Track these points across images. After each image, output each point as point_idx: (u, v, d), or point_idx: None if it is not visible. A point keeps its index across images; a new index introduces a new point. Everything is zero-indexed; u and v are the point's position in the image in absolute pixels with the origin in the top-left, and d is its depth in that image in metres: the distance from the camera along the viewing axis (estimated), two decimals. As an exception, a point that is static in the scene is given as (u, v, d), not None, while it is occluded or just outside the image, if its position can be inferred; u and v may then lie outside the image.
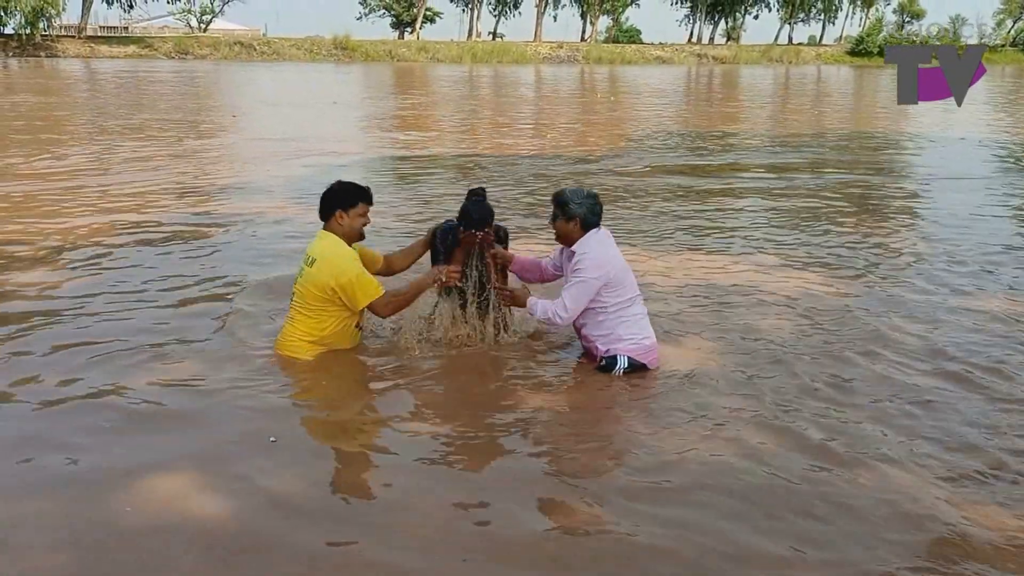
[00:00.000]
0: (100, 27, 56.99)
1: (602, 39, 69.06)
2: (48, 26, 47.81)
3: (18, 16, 45.13)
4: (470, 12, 69.03)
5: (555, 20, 72.38)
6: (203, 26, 60.17)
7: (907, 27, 71.88)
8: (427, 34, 68.55)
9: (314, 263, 3.76)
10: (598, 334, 3.84)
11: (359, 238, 3.86)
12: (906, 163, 12.44)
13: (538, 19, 65.87)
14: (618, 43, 66.56)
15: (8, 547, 2.51)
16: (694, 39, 71.50)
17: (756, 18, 79.83)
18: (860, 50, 61.88)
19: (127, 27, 60.24)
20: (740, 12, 73.54)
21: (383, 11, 71.14)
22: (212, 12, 60.98)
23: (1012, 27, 71.29)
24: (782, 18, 72.80)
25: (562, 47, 57.75)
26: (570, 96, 27.31)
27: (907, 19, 73.60)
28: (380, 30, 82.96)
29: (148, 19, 64.94)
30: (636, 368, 3.79)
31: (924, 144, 14.43)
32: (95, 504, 2.73)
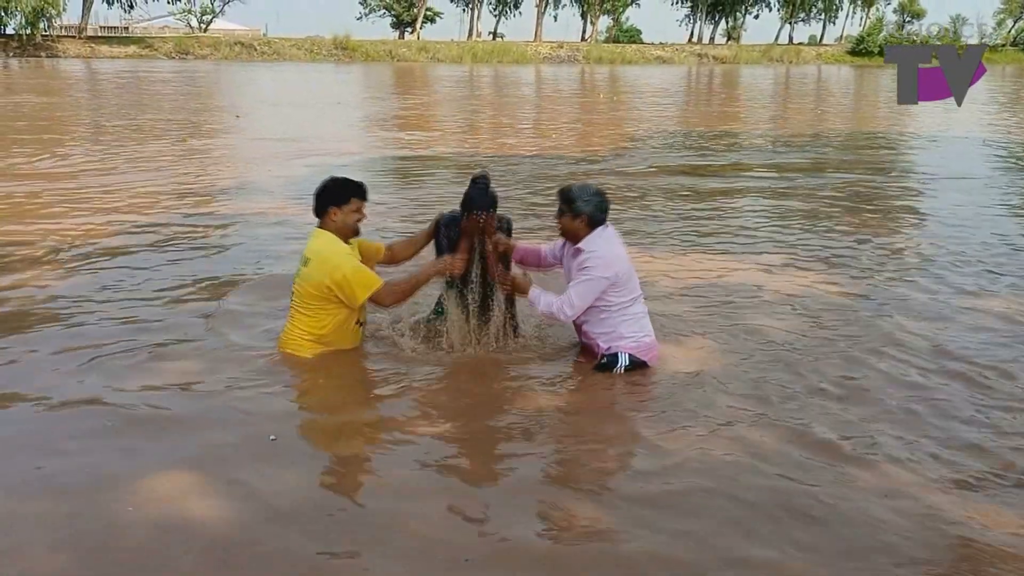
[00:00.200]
0: (100, 27, 57.11)
1: (602, 39, 69.07)
2: (48, 26, 47.88)
3: (18, 16, 45.21)
4: (470, 12, 69.13)
5: (555, 20, 72.63)
6: (203, 26, 60.21)
7: (907, 27, 71.97)
8: (427, 34, 68.68)
9: (308, 263, 3.74)
10: (600, 331, 3.84)
11: (354, 234, 3.83)
12: (907, 163, 12.44)
13: (538, 19, 65.92)
14: (618, 43, 66.57)
15: (8, 547, 2.51)
16: (694, 39, 71.52)
17: (756, 18, 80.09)
18: (860, 50, 61.90)
19: (127, 27, 60.32)
20: (740, 12, 73.57)
21: (383, 11, 71.20)
22: (212, 12, 61.06)
23: (1012, 27, 71.36)
24: (782, 18, 72.86)
25: (562, 47, 57.76)
26: (571, 96, 27.31)
27: (907, 19, 73.69)
28: (380, 30, 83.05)
29: (148, 19, 65.06)
30: (636, 366, 3.79)
31: (925, 144, 14.42)
32: (95, 504, 2.73)
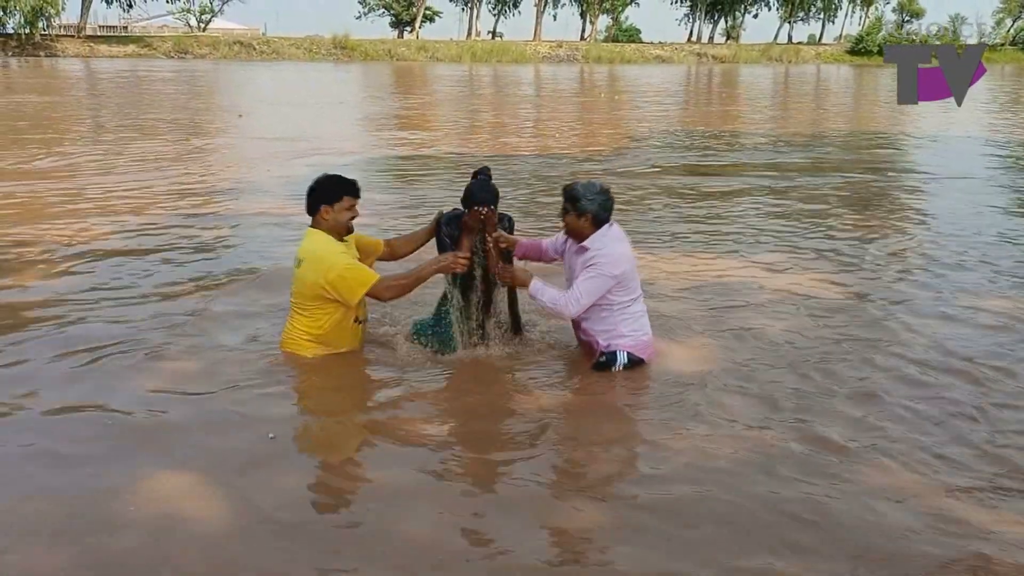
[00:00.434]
0: (99, 27, 57.07)
1: (601, 38, 69.08)
2: (47, 26, 47.85)
3: (17, 16, 45.18)
4: (469, 11, 69.08)
5: (555, 19, 72.72)
6: (202, 25, 60.20)
7: (906, 26, 71.99)
8: (426, 33, 68.70)
9: (302, 263, 3.73)
10: (600, 329, 3.85)
11: (348, 232, 3.79)
12: (908, 162, 12.44)
13: (537, 18, 65.91)
14: (617, 42, 66.58)
15: (9, 547, 2.52)
16: (694, 38, 71.54)
17: (756, 17, 79.85)
18: (859, 49, 61.93)
19: (126, 26, 60.31)
20: (739, 11, 73.59)
21: (382, 10, 71.17)
22: (211, 11, 61.04)
23: (1012, 26, 71.38)
24: (782, 17, 72.86)
25: (561, 46, 57.76)
26: (571, 95, 27.30)
27: (906, 18, 73.71)
28: (379, 29, 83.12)
29: (147, 18, 65.08)
30: (634, 364, 3.82)
31: (925, 143, 14.42)
32: (96, 504, 2.74)
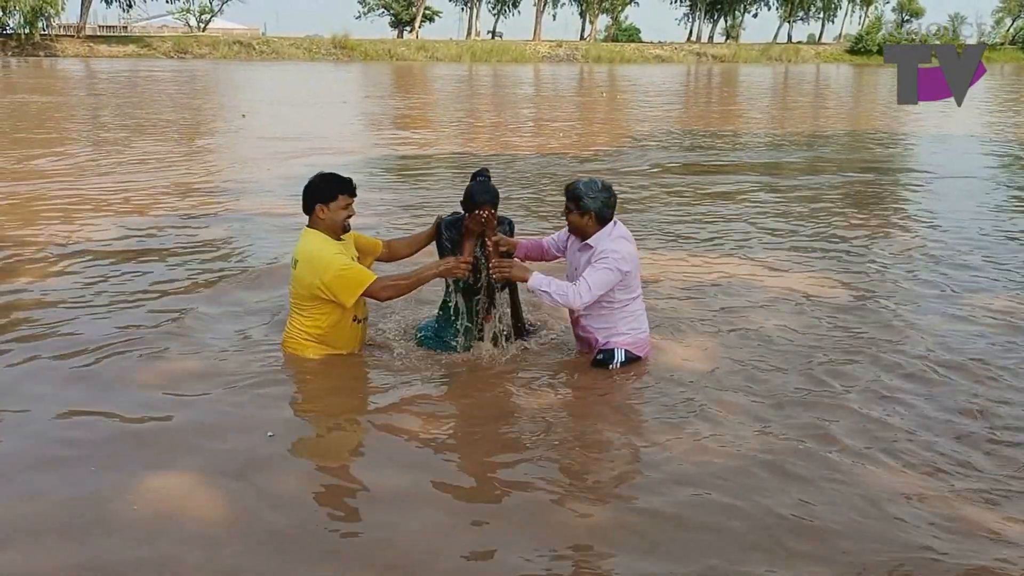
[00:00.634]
0: (99, 27, 57.01)
1: (601, 38, 69.07)
2: (47, 26, 47.84)
3: (17, 16, 45.16)
4: (469, 11, 69.08)
5: (554, 19, 72.74)
6: (202, 25, 60.20)
7: (906, 25, 71.94)
8: (426, 33, 68.66)
9: (297, 264, 3.73)
10: (599, 326, 3.86)
11: (344, 231, 3.78)
12: (909, 162, 12.46)
13: (537, 18, 65.87)
14: (617, 42, 66.57)
15: (10, 547, 2.53)
16: (693, 38, 71.52)
17: (755, 16, 79.50)
18: (859, 48, 61.92)
19: (126, 27, 60.25)
20: (739, 10, 73.54)
21: (382, 10, 71.13)
22: (211, 11, 61.03)
23: (1011, 25, 71.37)
24: (781, 16, 72.83)
25: (561, 46, 57.74)
26: (571, 95, 27.31)
27: (906, 17, 73.69)
28: (379, 29, 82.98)
29: (147, 18, 65.04)
30: (631, 361, 3.86)
31: (926, 143, 14.44)
32: (95, 505, 2.74)
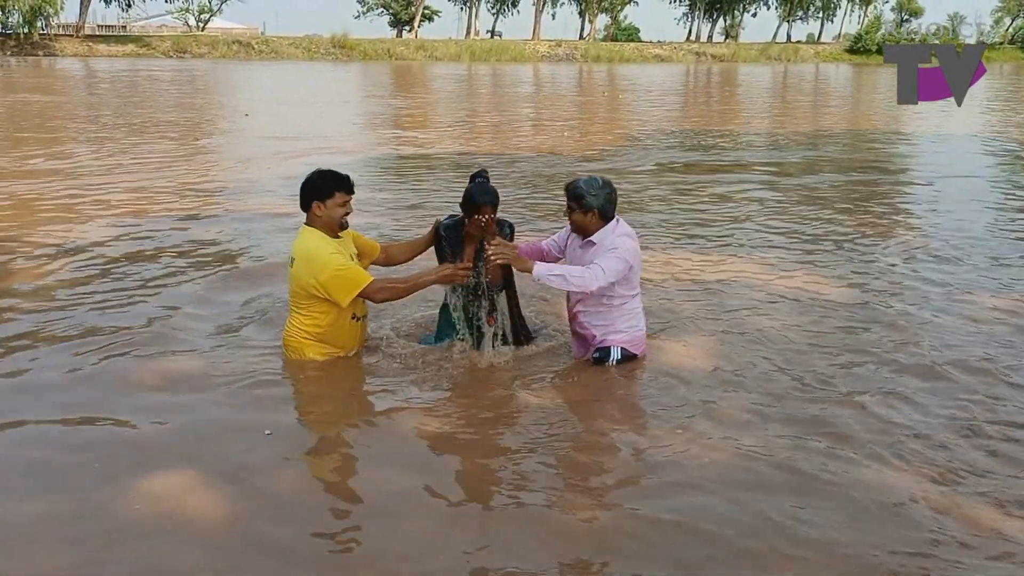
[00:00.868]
0: (98, 26, 56.91)
1: (600, 37, 69.02)
2: (46, 25, 47.79)
3: (16, 15, 45.13)
4: (468, 10, 69.00)
5: (553, 18, 72.62)
6: (201, 25, 60.12)
7: (905, 25, 71.93)
8: (425, 32, 68.55)
9: (294, 262, 3.72)
10: (597, 323, 3.86)
11: (341, 228, 3.77)
12: (909, 161, 12.48)
13: (536, 17, 65.81)
14: (616, 41, 66.56)
15: (10, 547, 2.53)
16: (692, 37, 71.49)
17: (754, 16, 79.63)
18: (858, 48, 61.89)
19: (125, 26, 60.16)
20: (738, 10, 73.51)
21: (381, 10, 71.03)
22: (210, 11, 60.92)
23: (1010, 25, 71.37)
24: (780, 16, 72.80)
25: (560, 45, 57.72)
26: (571, 95, 27.30)
27: (905, 17, 73.67)
28: (378, 29, 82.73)
29: (146, 18, 64.95)
30: (627, 359, 3.87)
31: (926, 142, 14.45)
32: (96, 504, 2.75)
